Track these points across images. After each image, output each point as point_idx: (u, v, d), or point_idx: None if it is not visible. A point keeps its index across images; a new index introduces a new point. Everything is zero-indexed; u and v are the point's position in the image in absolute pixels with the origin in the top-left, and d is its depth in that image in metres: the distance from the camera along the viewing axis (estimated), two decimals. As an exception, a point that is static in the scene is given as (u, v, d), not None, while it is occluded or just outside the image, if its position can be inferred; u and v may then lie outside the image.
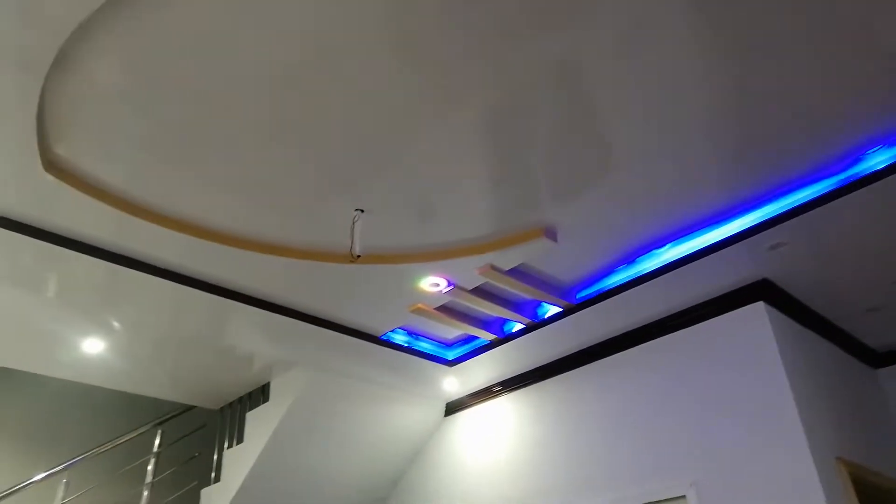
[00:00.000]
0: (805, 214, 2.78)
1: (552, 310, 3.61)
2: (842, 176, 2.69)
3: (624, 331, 3.71)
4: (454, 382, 4.38)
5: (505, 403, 4.30)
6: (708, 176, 2.70)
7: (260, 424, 4.21)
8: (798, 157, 2.59)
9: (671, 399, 3.41)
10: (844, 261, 3.13)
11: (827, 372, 3.44)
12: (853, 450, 3.20)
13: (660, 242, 3.10)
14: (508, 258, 3.16)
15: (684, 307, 3.46)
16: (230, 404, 4.74)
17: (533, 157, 2.59)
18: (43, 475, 3.83)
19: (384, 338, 3.84)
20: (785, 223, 2.83)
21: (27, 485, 3.73)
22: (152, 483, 4.27)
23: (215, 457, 4.60)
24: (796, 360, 3.18)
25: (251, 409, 4.41)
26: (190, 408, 4.81)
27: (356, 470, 4.55)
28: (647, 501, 3.32)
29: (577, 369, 3.94)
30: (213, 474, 4.53)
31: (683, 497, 3.19)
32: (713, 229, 3.00)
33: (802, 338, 3.40)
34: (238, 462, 4.24)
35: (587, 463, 3.67)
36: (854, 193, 2.68)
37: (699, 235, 3.04)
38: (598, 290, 3.42)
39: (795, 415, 2.92)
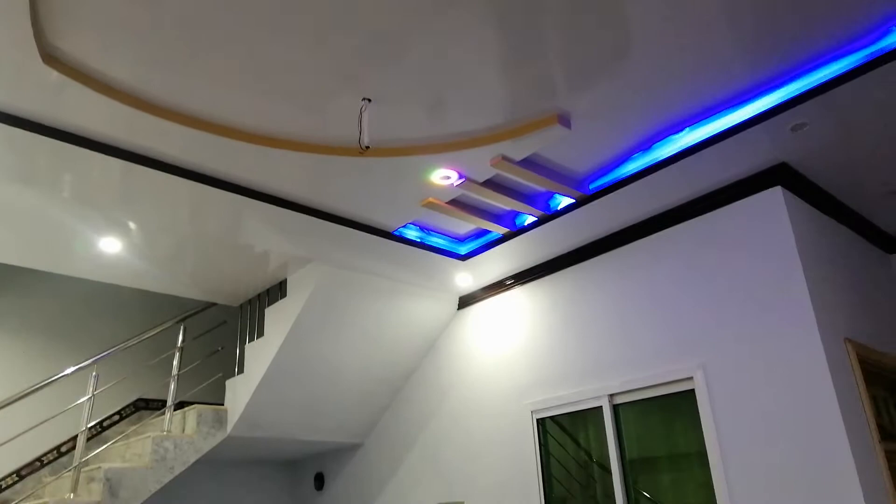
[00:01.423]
0: (828, 92, 2.67)
1: (565, 201, 3.58)
2: (868, 51, 2.56)
3: (637, 221, 3.69)
4: (467, 277, 4.44)
5: (517, 296, 4.37)
6: (727, 54, 2.58)
7: (279, 319, 4.33)
8: (821, 31, 2.46)
9: (683, 285, 3.44)
10: (867, 141, 3.05)
11: (840, 256, 3.44)
12: (861, 331, 3.25)
13: (677, 127, 3.01)
14: (521, 148, 3.10)
15: (700, 194, 3.42)
16: (249, 301, 4.86)
17: (546, 39, 2.48)
18: (73, 369, 3.99)
19: (396, 233, 3.86)
20: (807, 102, 2.74)
21: (59, 378, 3.89)
22: (178, 375, 4.45)
23: (237, 351, 4.77)
24: (810, 244, 3.18)
25: (270, 304, 4.52)
26: (211, 305, 4.94)
27: (372, 362, 4.72)
28: (655, 383, 3.43)
29: (589, 260, 3.96)
30: (236, 367, 4.72)
31: (691, 378, 3.29)
32: (733, 111, 2.90)
33: (818, 222, 3.37)
34: (259, 355, 4.40)
35: (598, 349, 3.76)
36: (880, 69, 2.56)
37: (718, 118, 2.95)
38: (612, 179, 3.37)
39: (806, 297, 2.94)
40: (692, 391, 3.29)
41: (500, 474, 4.10)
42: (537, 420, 4.00)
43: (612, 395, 3.64)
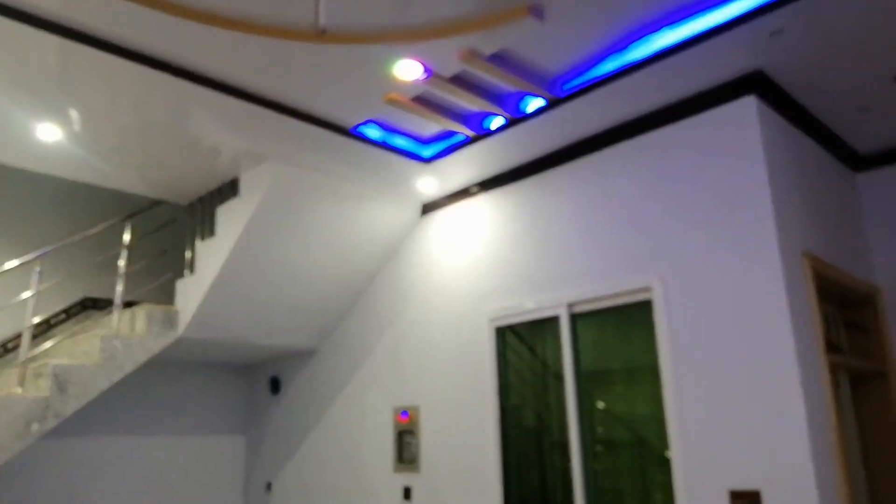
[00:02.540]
0: (812, -3, 2.54)
1: (535, 103, 3.43)
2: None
3: (608, 127, 3.57)
4: (430, 181, 4.30)
5: (482, 203, 4.26)
6: (718, -57, 2.40)
7: (231, 218, 4.16)
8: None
9: (649, 195, 3.38)
10: (846, 52, 2.94)
11: (807, 170, 3.40)
12: (820, 246, 3.26)
13: (655, 25, 2.85)
14: (491, 41, 2.90)
15: (673, 101, 3.30)
16: (200, 199, 4.66)
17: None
18: (16, 262, 3.79)
19: (355, 131, 3.67)
20: (789, 5, 2.60)
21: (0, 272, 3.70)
22: (125, 274, 4.29)
23: (188, 250, 4.61)
24: (778, 157, 3.12)
25: (222, 203, 4.33)
26: (159, 202, 4.72)
27: (332, 265, 4.61)
28: (614, 293, 3.42)
29: (556, 168, 3.86)
30: (186, 267, 4.57)
31: (649, 289, 3.28)
32: (713, 11, 2.75)
33: (788, 135, 3.31)
34: (211, 255, 4.25)
35: (560, 259, 3.72)
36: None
37: (698, 18, 2.79)
38: (586, 80, 3.22)
39: (769, 208, 2.91)
40: (649, 302, 3.29)
41: (456, 380, 4.13)
42: (496, 328, 3.99)
43: (570, 305, 3.63)
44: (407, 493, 4.25)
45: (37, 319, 4.61)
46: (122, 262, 4.32)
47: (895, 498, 3.50)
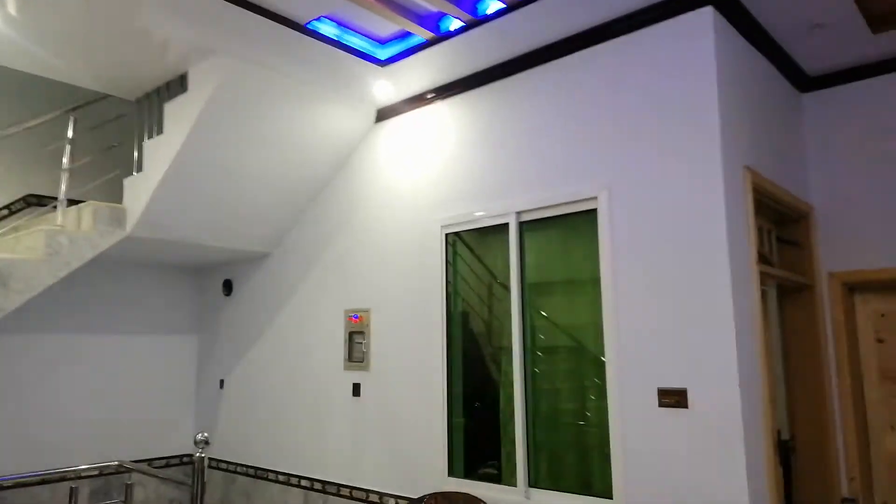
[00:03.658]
0: None
1: (495, 5, 3.36)
2: None
3: (565, 35, 3.53)
4: (386, 86, 4.23)
5: (437, 111, 4.22)
6: None
7: (179, 115, 4.05)
8: None
9: (600, 106, 3.40)
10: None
11: (756, 87, 3.46)
12: (761, 162, 3.36)
13: (616, -74, 2.79)
14: (448, -67, 2.81)
15: (631, 10, 3.27)
16: (147, 95, 4.50)
17: None
18: (-54, 150, 3.64)
19: (309, 26, 3.55)
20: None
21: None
22: (70, 169, 4.16)
23: (135, 148, 4.49)
24: (729, 71, 3.16)
25: (170, 99, 4.19)
26: (104, 97, 4.54)
27: (283, 169, 4.56)
28: (562, 202, 3.49)
29: (512, 76, 3.82)
30: (134, 165, 4.46)
31: (595, 198, 3.36)
32: (676, -86, 2.70)
33: (741, 50, 3.34)
34: (159, 153, 4.15)
35: (511, 168, 3.76)
36: None
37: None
38: (544, -17, 3.16)
39: (716, 121, 2.97)
40: (594, 211, 3.37)
41: (406, 285, 4.21)
42: (446, 235, 4.05)
43: (519, 213, 3.69)
44: (356, 389, 4.40)
45: (-24, 213, 4.50)
46: (66, 158, 4.19)
47: (810, 399, 3.80)
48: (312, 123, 4.35)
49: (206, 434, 3.64)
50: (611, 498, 3.13)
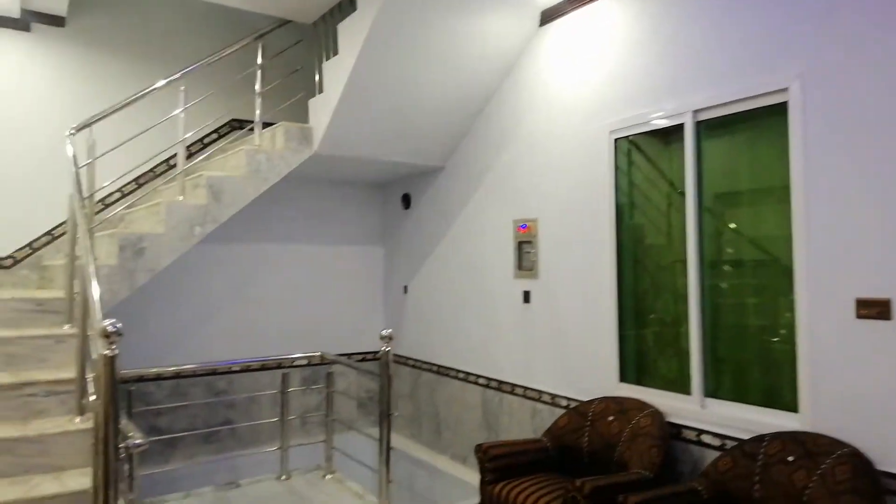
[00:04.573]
0: None
1: None
2: None
3: None
4: (550, -16, 4.03)
5: (603, 7, 3.96)
6: None
7: (351, 35, 4.22)
8: None
9: (795, -18, 2.96)
10: None
11: None
12: None
13: None
14: None
15: None
16: (322, 17, 4.73)
17: None
18: (163, 82, 4.15)
19: (469, -72, 3.46)
20: None
21: (151, 90, 4.07)
22: (262, 93, 4.57)
23: (316, 71, 4.78)
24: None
25: (342, 20, 4.37)
26: (285, 22, 4.85)
27: (451, 83, 4.60)
28: (745, 96, 3.17)
29: (689, -43, 3.45)
30: (316, 87, 4.77)
31: (785, 90, 2.99)
32: None
33: None
34: (336, 74, 4.39)
35: (686, 62, 3.45)
36: None
37: None
38: None
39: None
40: (784, 105, 3.01)
41: (575, 194, 4.14)
42: (615, 140, 3.88)
43: (696, 112, 3.41)
44: (526, 296, 4.51)
45: (192, 139, 5.14)
46: (258, 83, 4.59)
47: None
48: (477, 32, 4.31)
49: (390, 330, 3.98)
50: (796, 411, 2.96)
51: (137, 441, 2.63)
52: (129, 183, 5.07)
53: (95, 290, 2.75)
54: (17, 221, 4.67)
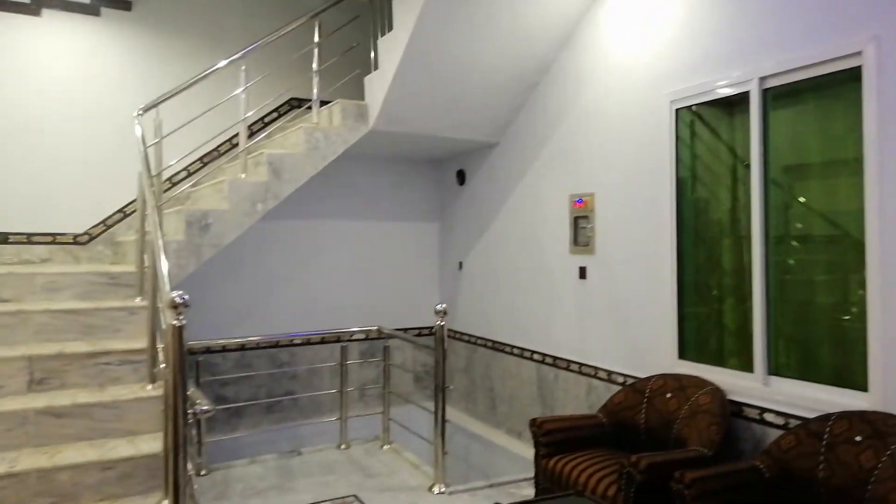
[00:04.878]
0: None
1: None
2: None
3: None
4: (609, -50, 3.91)
5: (666, -30, 3.82)
6: None
7: (405, 10, 4.21)
8: None
9: (873, -63, 2.78)
10: None
11: None
12: None
13: None
14: None
15: None
16: (377, -8, 4.73)
17: None
18: (225, 62, 4.24)
19: None
20: None
21: (213, 70, 4.17)
22: (318, 71, 4.63)
23: (371, 48, 4.80)
24: None
25: (397, -5, 4.37)
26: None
27: (505, 56, 4.54)
28: (815, 61, 3.01)
29: (757, -84, 3.28)
30: (372, 63, 4.80)
31: (859, 54, 2.83)
32: None
33: None
34: (391, 49, 4.40)
35: (753, 26, 3.30)
36: None
37: None
38: None
39: None
40: (858, 71, 2.85)
41: (633, 167, 4.05)
42: (676, 110, 3.76)
43: (762, 79, 3.27)
44: (582, 272, 4.47)
45: (253, 118, 5.25)
46: (315, 61, 4.65)
47: None
48: (534, 2, 4.22)
49: (444, 305, 4.02)
50: (865, 390, 2.84)
51: (204, 407, 2.76)
52: (194, 162, 5.25)
53: (164, 265, 2.88)
54: (92, 200, 4.92)
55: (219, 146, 5.33)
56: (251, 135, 5.06)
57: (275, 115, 5.60)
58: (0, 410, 2.89)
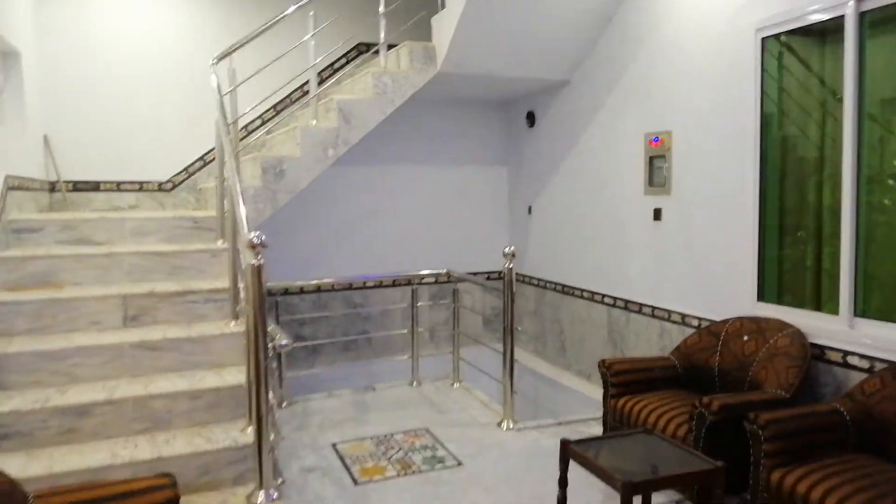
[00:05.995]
0: None
1: None
2: None
3: None
4: None
5: None
6: None
7: (473, -56, 4.08)
8: None
9: None
10: None
11: None
12: None
13: None
14: None
15: None
16: (444, -71, 4.59)
17: None
18: (293, 8, 4.22)
19: None
20: None
21: (282, 17, 4.16)
22: (385, 14, 4.58)
23: (438, -14, 4.70)
24: None
25: (463, -71, 4.23)
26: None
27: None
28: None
29: None
30: (438, 4, 4.71)
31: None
32: None
33: None
34: (458, -14, 4.29)
35: (852, -57, 3.03)
36: None
37: None
38: None
39: None
40: (974, -16, 2.58)
41: (714, 102, 3.85)
42: (762, 40, 3.53)
43: (859, 2, 3.01)
44: (657, 213, 4.34)
45: (322, 65, 5.28)
46: (381, 4, 4.59)
47: None
48: (607, -71, 4.01)
49: (512, 248, 4.01)
50: (959, 336, 2.69)
51: (284, 342, 2.89)
52: (268, 110, 5.37)
53: (242, 209, 2.98)
54: (175, 149, 5.14)
55: (290, 93, 5.42)
56: (321, 82, 5.11)
57: (343, 60, 5.62)
58: (99, 343, 3.12)
